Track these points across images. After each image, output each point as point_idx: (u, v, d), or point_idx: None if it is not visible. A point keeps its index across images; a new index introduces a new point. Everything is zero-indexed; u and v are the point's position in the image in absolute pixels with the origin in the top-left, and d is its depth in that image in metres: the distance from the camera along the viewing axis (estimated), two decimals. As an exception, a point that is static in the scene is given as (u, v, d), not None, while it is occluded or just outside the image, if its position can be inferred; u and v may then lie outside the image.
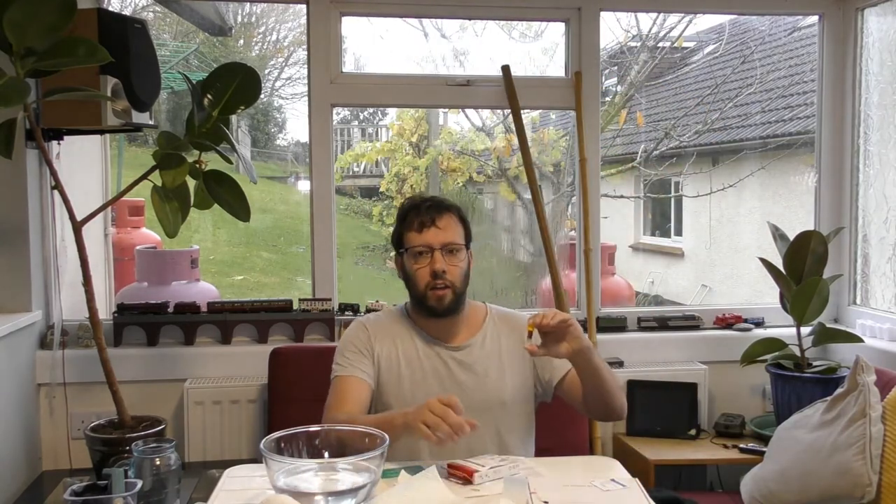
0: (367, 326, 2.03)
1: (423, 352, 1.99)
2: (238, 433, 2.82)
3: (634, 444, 2.87)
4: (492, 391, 1.97)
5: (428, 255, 1.93)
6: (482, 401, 1.94)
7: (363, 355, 1.98)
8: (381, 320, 2.07)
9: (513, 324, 2.07)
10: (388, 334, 2.02)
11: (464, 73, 4.17)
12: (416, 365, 1.98)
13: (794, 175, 6.32)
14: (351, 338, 2.02)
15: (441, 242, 1.93)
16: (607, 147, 6.15)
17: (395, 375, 1.97)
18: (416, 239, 1.94)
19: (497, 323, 2.06)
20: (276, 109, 8.52)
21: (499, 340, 2.03)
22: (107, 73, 2.29)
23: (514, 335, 2.04)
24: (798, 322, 2.80)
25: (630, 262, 8.11)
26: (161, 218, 2.20)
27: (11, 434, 2.57)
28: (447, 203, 1.99)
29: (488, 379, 1.98)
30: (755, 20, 6.25)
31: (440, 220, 1.94)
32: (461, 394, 1.89)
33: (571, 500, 1.59)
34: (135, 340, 2.89)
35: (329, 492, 1.47)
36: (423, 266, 1.93)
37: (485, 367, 1.99)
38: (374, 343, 2.00)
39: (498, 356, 2.01)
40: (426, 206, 1.96)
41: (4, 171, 2.58)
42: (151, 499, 1.66)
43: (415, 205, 1.97)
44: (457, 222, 1.98)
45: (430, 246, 1.92)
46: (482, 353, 2.01)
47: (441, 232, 1.93)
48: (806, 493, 2.24)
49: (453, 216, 1.97)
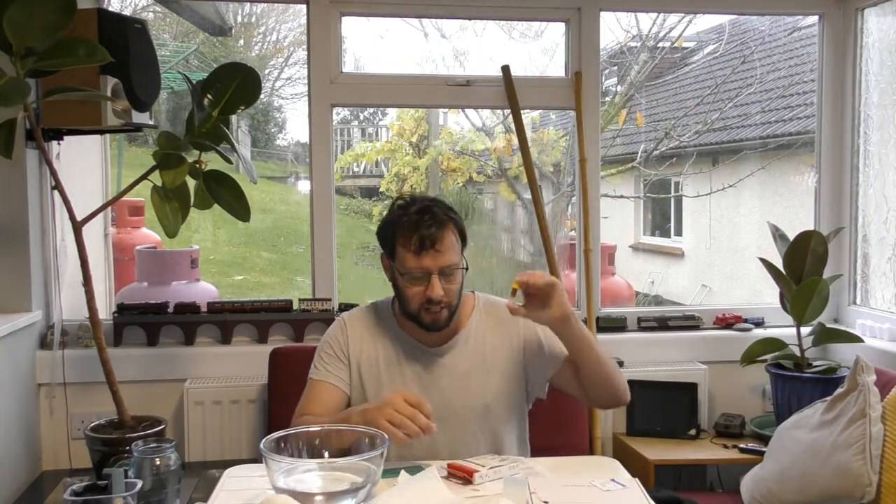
0: (347, 326, 1.99)
1: (403, 355, 1.96)
2: (238, 433, 2.83)
3: (634, 444, 2.87)
4: (474, 395, 1.93)
5: (424, 280, 1.83)
6: (464, 405, 1.92)
7: (339, 360, 1.96)
8: (365, 318, 2.01)
9: (499, 316, 1.99)
10: (369, 335, 1.98)
11: (464, 73, 4.17)
12: (396, 370, 1.95)
13: (794, 175, 6.32)
14: (329, 339, 2.00)
15: (439, 267, 1.82)
16: (607, 147, 6.15)
17: (374, 379, 1.94)
18: (412, 261, 1.83)
19: (483, 316, 2.00)
20: (276, 109, 8.52)
21: (484, 337, 1.98)
22: (107, 73, 2.29)
23: (499, 330, 1.99)
24: (798, 322, 2.80)
25: (630, 262, 8.11)
26: (161, 218, 2.20)
27: (11, 434, 2.57)
28: (447, 217, 1.86)
29: (471, 382, 1.94)
30: (755, 20, 6.26)
31: (440, 243, 1.82)
32: (442, 398, 1.89)
33: (571, 500, 1.59)
34: (135, 340, 2.89)
35: (329, 492, 1.47)
36: (418, 289, 1.84)
37: (467, 369, 1.95)
38: (352, 346, 1.97)
39: (482, 355, 1.97)
40: (426, 224, 1.82)
41: (4, 171, 2.58)
42: (151, 499, 1.66)
43: (413, 221, 1.83)
44: (456, 239, 1.87)
45: (428, 271, 1.83)
46: (465, 352, 1.96)
47: (440, 255, 1.82)
48: (806, 493, 2.24)
49: (453, 233, 1.86)
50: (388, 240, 1.89)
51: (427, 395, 1.78)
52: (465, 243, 1.92)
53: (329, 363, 1.96)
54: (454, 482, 1.67)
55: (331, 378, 1.94)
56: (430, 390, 1.90)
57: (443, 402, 1.88)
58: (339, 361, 1.96)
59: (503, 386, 1.96)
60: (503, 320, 1.99)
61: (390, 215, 1.91)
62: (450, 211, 1.89)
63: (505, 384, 1.96)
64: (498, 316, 2.00)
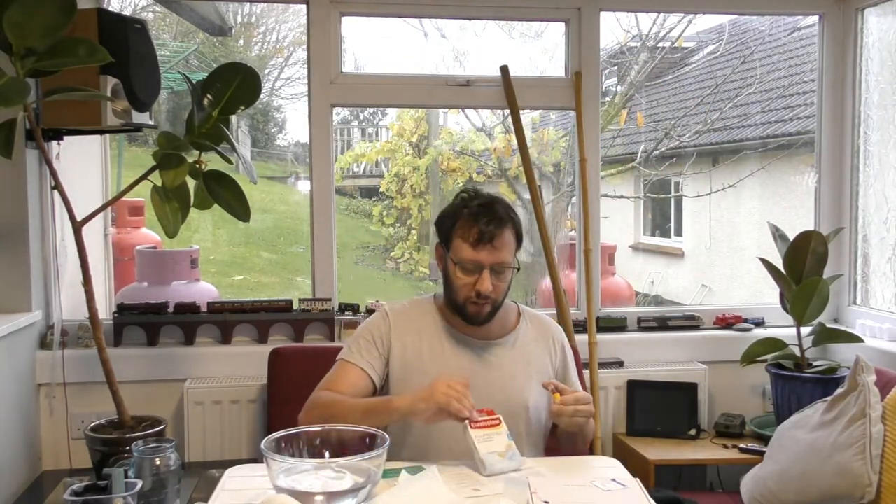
0: (391, 317, 1.99)
1: (449, 349, 1.97)
2: (238, 433, 2.82)
3: (634, 444, 2.87)
4: (516, 394, 1.95)
5: (476, 273, 1.87)
6: (505, 401, 1.91)
7: (376, 348, 1.96)
8: (408, 312, 2.02)
9: (541, 329, 2.06)
10: (414, 327, 1.99)
11: (464, 73, 4.17)
12: (442, 362, 1.95)
13: (794, 175, 6.32)
14: (370, 326, 1.99)
15: (492, 263, 1.86)
16: (607, 147, 6.15)
17: (416, 371, 1.93)
18: (468, 253, 1.87)
19: (529, 326, 2.05)
20: (276, 109, 8.52)
21: (529, 345, 2.02)
22: (107, 73, 2.29)
23: (541, 343, 2.04)
24: (798, 322, 2.80)
25: (630, 262, 8.11)
26: (161, 218, 2.20)
27: (11, 434, 2.56)
28: (508, 216, 1.89)
29: (515, 381, 1.96)
30: (755, 20, 6.26)
31: (497, 239, 1.86)
32: (487, 392, 1.89)
33: (571, 500, 1.59)
34: (135, 340, 2.89)
35: (329, 492, 1.47)
36: (469, 281, 1.88)
37: (512, 370, 1.97)
38: (394, 337, 1.97)
39: (527, 359, 2.00)
40: (487, 219, 1.86)
41: (4, 171, 2.58)
42: (151, 499, 1.66)
43: (474, 213, 1.87)
44: (513, 239, 1.90)
45: (482, 265, 1.87)
46: (511, 354, 1.99)
47: (496, 252, 1.86)
48: (806, 493, 2.24)
49: (511, 233, 1.90)
50: (446, 229, 1.93)
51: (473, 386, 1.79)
52: (521, 244, 1.95)
53: (365, 349, 1.96)
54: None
55: (363, 363, 1.94)
56: (476, 381, 1.87)
57: (487, 395, 1.86)
58: (376, 350, 1.96)
59: (539, 393, 1.98)
60: (543, 334, 2.06)
61: (452, 206, 1.95)
62: (510, 210, 1.93)
63: (542, 393, 1.97)
64: (540, 328, 2.07)
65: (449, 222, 1.93)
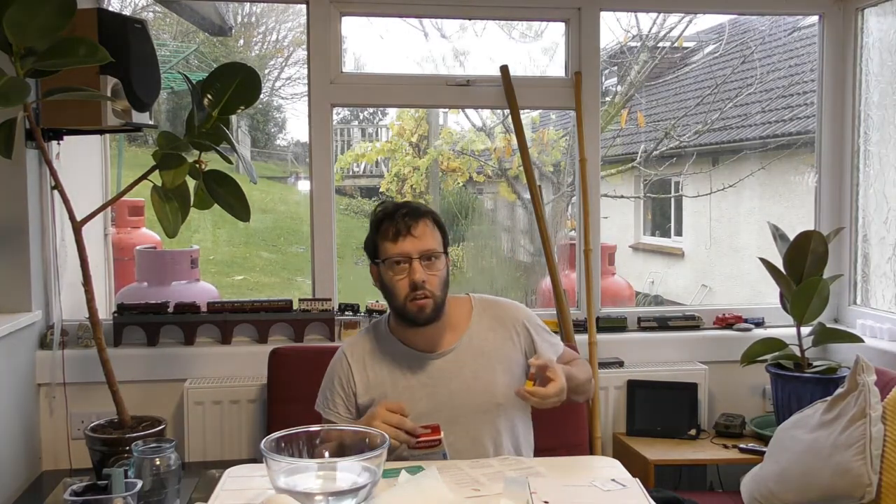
0: (348, 357, 2.02)
1: (408, 368, 1.97)
2: (238, 433, 2.83)
3: (634, 444, 2.87)
4: (484, 394, 1.95)
5: (406, 266, 1.88)
6: (477, 405, 1.93)
7: (340, 395, 2.00)
8: (364, 343, 2.04)
9: (497, 315, 2.04)
10: (371, 359, 2.00)
11: (464, 73, 4.17)
12: (403, 383, 1.96)
13: (794, 175, 6.32)
14: (332, 373, 2.04)
15: (419, 251, 1.88)
16: (607, 147, 6.15)
17: (382, 397, 1.94)
18: (392, 249, 1.88)
19: (482, 316, 2.03)
20: (276, 109, 8.52)
21: (485, 337, 2.00)
22: (107, 73, 2.29)
23: (500, 331, 2.02)
24: (798, 322, 2.80)
25: (630, 262, 8.11)
26: (161, 218, 2.20)
27: (11, 434, 2.57)
28: (422, 209, 1.93)
29: (478, 382, 1.96)
30: (755, 20, 6.26)
31: (416, 228, 1.88)
32: (452, 402, 1.91)
33: (571, 500, 1.59)
34: (135, 340, 2.89)
35: (329, 492, 1.47)
36: (401, 277, 1.89)
37: (474, 370, 1.96)
38: (356, 376, 1.99)
39: (486, 354, 1.98)
40: (401, 214, 1.89)
41: (4, 171, 2.58)
42: (151, 499, 1.66)
43: (388, 213, 1.91)
44: (433, 228, 1.92)
45: (408, 255, 1.87)
46: (469, 353, 1.98)
47: (417, 241, 1.88)
48: (806, 493, 2.24)
49: (429, 222, 1.92)
50: (370, 240, 1.96)
51: (437, 401, 1.83)
52: (446, 236, 1.96)
53: (331, 399, 2.01)
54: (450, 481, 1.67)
55: (332, 416, 1.99)
56: (438, 396, 1.93)
57: (453, 405, 1.91)
58: (340, 397, 2.00)
59: (509, 382, 1.97)
60: (501, 319, 2.03)
61: (372, 218, 1.97)
62: (425, 206, 1.96)
63: (512, 381, 1.97)
64: (495, 313, 2.04)
65: (371, 235, 1.96)
